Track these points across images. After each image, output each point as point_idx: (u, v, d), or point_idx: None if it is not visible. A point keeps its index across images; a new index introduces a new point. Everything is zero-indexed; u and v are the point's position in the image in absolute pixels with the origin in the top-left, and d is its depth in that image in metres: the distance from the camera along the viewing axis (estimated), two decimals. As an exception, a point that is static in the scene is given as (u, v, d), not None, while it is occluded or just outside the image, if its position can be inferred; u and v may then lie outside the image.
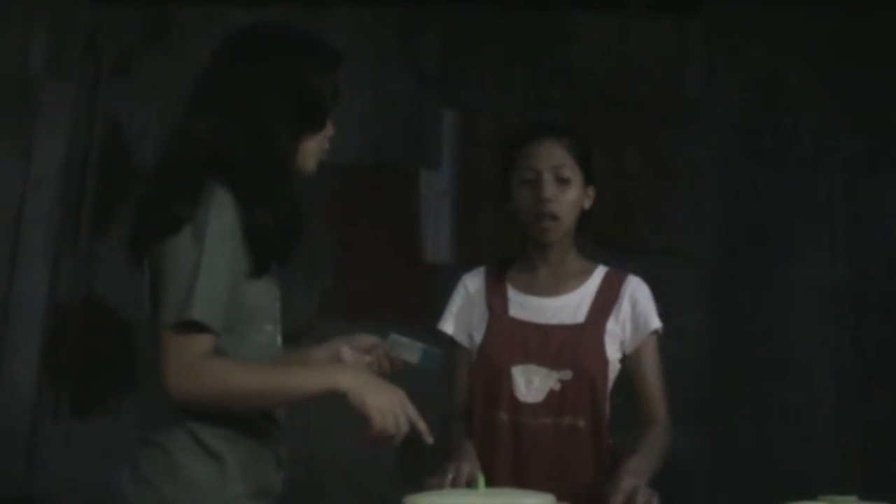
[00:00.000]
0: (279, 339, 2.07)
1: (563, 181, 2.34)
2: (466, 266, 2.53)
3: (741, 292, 3.92)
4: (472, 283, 2.46)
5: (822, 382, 3.85)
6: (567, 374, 2.26)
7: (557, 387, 2.27)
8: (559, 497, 1.70)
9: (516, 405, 2.28)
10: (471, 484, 2.02)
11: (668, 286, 3.83)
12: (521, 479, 2.15)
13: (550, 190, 2.33)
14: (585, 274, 2.39)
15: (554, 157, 2.35)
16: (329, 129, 2.09)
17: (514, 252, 2.44)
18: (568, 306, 2.35)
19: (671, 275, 3.84)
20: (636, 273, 2.42)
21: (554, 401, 2.27)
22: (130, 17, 4.12)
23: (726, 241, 3.97)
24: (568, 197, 2.34)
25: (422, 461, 3.53)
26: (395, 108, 4.08)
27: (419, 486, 1.84)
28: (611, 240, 3.68)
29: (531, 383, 2.28)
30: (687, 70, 4.11)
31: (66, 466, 3.72)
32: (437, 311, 2.50)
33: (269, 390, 1.87)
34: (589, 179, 2.40)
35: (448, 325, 2.45)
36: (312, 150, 2.06)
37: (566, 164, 2.35)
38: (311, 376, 1.90)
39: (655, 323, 2.35)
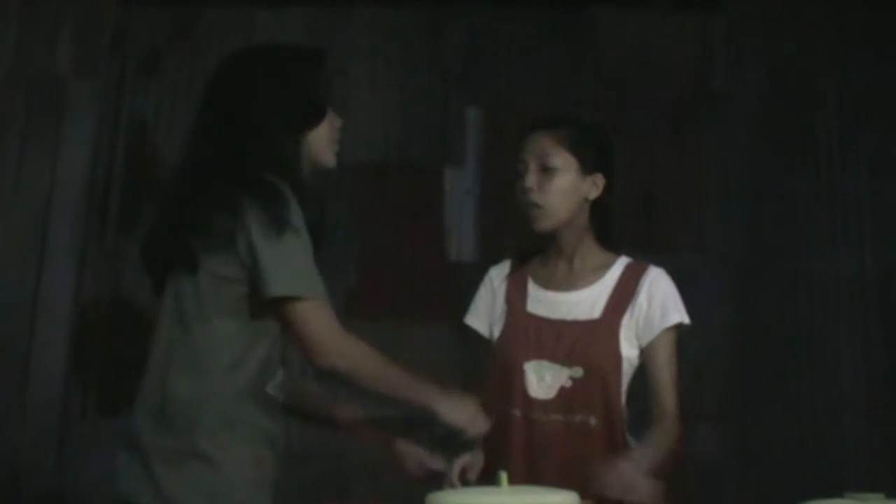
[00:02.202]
0: None
1: (548, 170, 2.31)
2: (491, 264, 2.54)
3: (768, 288, 3.90)
4: (496, 277, 2.46)
5: (850, 378, 3.83)
6: (578, 371, 2.25)
7: (568, 384, 2.25)
8: None
9: (528, 401, 2.28)
10: (467, 476, 2.04)
11: (694, 282, 3.81)
12: (535, 476, 2.14)
13: (531, 179, 2.32)
14: (604, 268, 2.36)
15: (539, 147, 2.33)
16: (336, 121, 2.19)
17: (539, 244, 2.43)
18: (585, 301, 2.32)
19: (698, 271, 3.83)
20: (663, 269, 2.40)
21: (565, 398, 2.26)
22: (157, 17, 4.14)
23: (753, 237, 3.95)
24: (554, 185, 2.31)
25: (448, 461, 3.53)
26: (419, 106, 4.07)
27: (443, 485, 1.85)
28: (636, 236, 3.66)
29: (543, 379, 2.27)
30: (712, 66, 4.09)
31: (94, 464, 3.74)
32: (462, 308, 2.51)
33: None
34: (592, 168, 2.35)
35: (473, 319, 2.45)
36: (323, 143, 2.16)
37: (553, 153, 2.32)
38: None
39: (674, 318, 2.31)
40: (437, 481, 2.12)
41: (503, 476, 1.59)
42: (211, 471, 1.97)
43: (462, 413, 2.04)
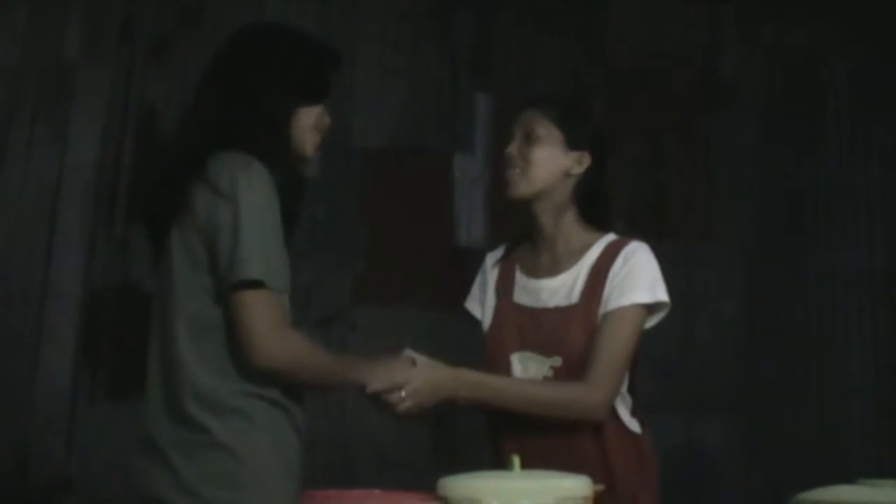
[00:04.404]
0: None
1: (531, 139, 2.30)
2: (500, 251, 2.53)
3: (778, 279, 3.90)
4: (490, 262, 2.45)
5: (859, 368, 3.83)
6: (557, 361, 2.22)
7: (550, 374, 2.23)
8: None
9: None
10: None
11: (704, 273, 3.86)
12: (527, 464, 2.11)
13: (513, 147, 2.32)
14: (585, 249, 2.30)
15: (527, 120, 2.33)
16: (326, 117, 2.15)
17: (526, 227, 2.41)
18: (564, 286, 2.28)
19: (707, 261, 3.84)
20: (671, 260, 2.35)
21: None
22: (165, 4, 4.13)
23: (762, 228, 3.95)
24: (535, 153, 2.29)
25: (455, 445, 3.55)
26: (428, 92, 4.07)
27: (454, 469, 1.84)
28: (646, 226, 3.66)
29: (527, 370, 2.25)
30: (721, 55, 4.08)
31: (103, 451, 3.74)
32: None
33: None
34: (577, 145, 2.31)
35: (471, 304, 2.45)
36: (306, 129, 2.12)
37: (538, 125, 2.30)
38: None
39: (636, 297, 2.21)
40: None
41: (516, 460, 1.59)
42: (231, 460, 1.94)
43: (370, 373, 2.02)
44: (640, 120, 3.93)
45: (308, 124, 2.11)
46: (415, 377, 2.07)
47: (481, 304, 2.41)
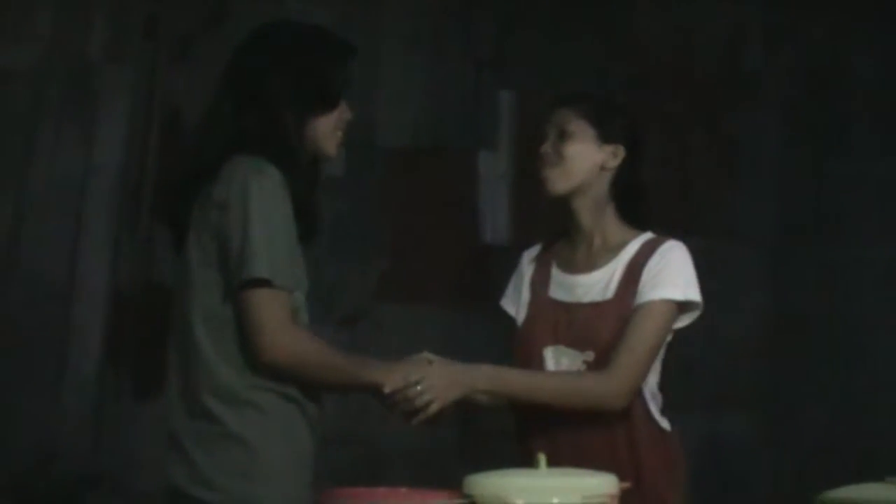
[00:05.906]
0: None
1: (564, 135, 2.31)
2: (524, 247, 2.53)
3: (803, 273, 3.89)
4: (526, 260, 2.46)
5: (886, 363, 3.81)
6: (590, 355, 2.23)
7: (583, 368, 2.24)
8: None
9: None
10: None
11: (729, 267, 3.84)
12: (556, 462, 2.12)
13: (547, 145, 2.32)
14: (623, 245, 2.31)
15: (559, 118, 2.34)
16: (346, 114, 2.18)
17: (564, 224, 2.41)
18: (600, 282, 2.29)
19: (733, 256, 3.83)
20: (696, 256, 2.35)
21: None
22: (189, 3, 4.15)
23: (788, 222, 3.94)
24: (567, 149, 2.30)
25: (482, 442, 3.55)
26: (451, 90, 4.07)
27: (480, 467, 1.85)
28: (671, 220, 3.64)
29: (560, 364, 2.27)
30: (746, 48, 4.06)
31: (129, 447, 3.77)
32: (494, 292, 2.51)
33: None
34: (611, 139, 2.32)
35: (506, 302, 2.46)
36: (327, 130, 2.15)
37: (570, 121, 2.31)
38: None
39: (665, 292, 2.22)
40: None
41: (542, 458, 1.59)
42: (244, 451, 1.98)
43: (387, 373, 2.04)
44: (664, 115, 3.91)
45: (328, 128, 2.16)
46: (431, 373, 2.10)
47: (516, 302, 2.42)
